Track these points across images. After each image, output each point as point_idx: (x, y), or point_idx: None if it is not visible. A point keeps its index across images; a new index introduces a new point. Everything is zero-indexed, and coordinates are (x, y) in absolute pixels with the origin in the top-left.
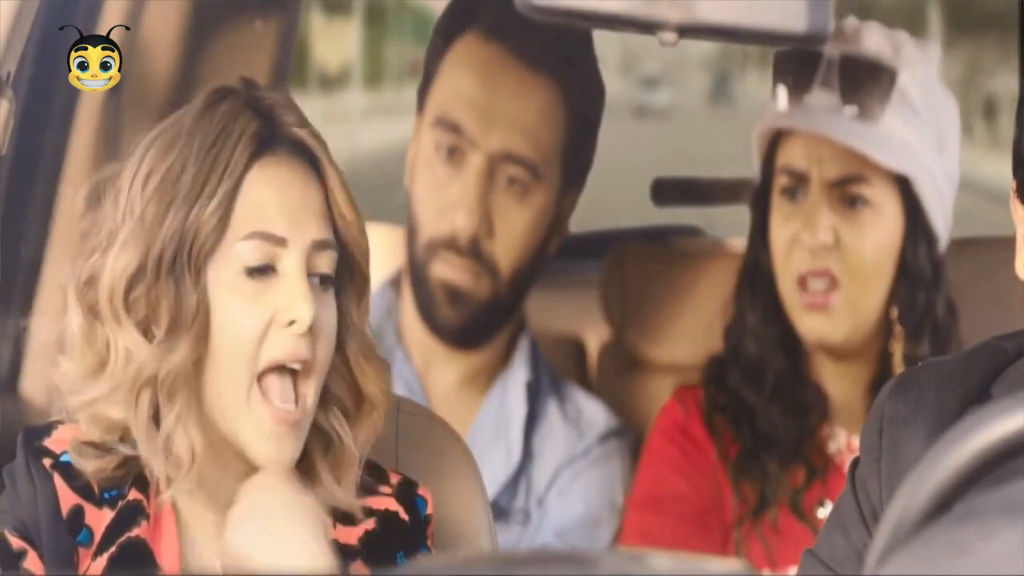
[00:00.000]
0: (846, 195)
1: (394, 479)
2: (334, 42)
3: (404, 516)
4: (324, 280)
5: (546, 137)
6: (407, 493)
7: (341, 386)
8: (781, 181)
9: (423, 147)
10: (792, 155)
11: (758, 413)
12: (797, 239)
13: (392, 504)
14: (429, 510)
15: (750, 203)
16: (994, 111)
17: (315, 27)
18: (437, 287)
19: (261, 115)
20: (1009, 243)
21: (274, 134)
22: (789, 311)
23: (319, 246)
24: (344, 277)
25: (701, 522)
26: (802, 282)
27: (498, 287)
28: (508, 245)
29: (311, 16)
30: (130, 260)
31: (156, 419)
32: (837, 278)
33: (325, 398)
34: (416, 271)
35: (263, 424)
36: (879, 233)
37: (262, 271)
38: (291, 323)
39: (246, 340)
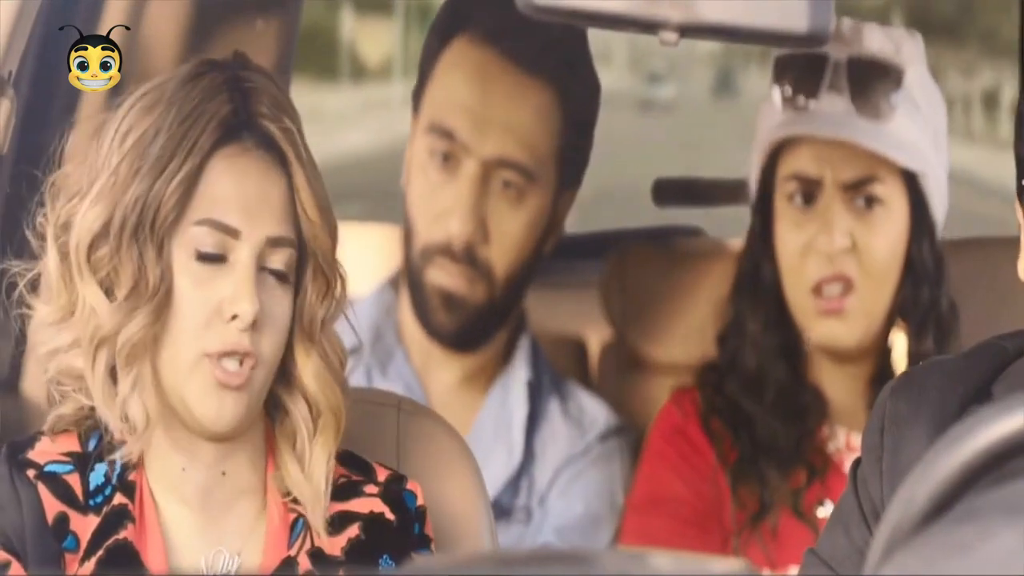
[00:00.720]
0: (860, 196)
1: (381, 476)
2: (376, 37)
3: (390, 516)
4: (279, 275)
5: (541, 141)
6: (394, 490)
7: (299, 383)
8: (788, 188)
9: (417, 151)
10: (801, 161)
11: (757, 422)
12: (811, 245)
13: (377, 505)
14: (420, 502)
15: (753, 211)
16: (950, 110)
17: (358, 25)
18: (432, 293)
19: (237, 99)
20: (1009, 243)
21: (244, 122)
22: (800, 319)
23: (274, 243)
24: (306, 276)
25: (700, 524)
26: (817, 288)
27: (493, 291)
28: (503, 250)
29: (353, 15)
30: (97, 217)
31: (113, 377)
32: (853, 282)
33: (291, 388)
34: (412, 275)
35: (208, 385)
36: (891, 232)
37: (212, 258)
38: (233, 317)
39: (192, 323)
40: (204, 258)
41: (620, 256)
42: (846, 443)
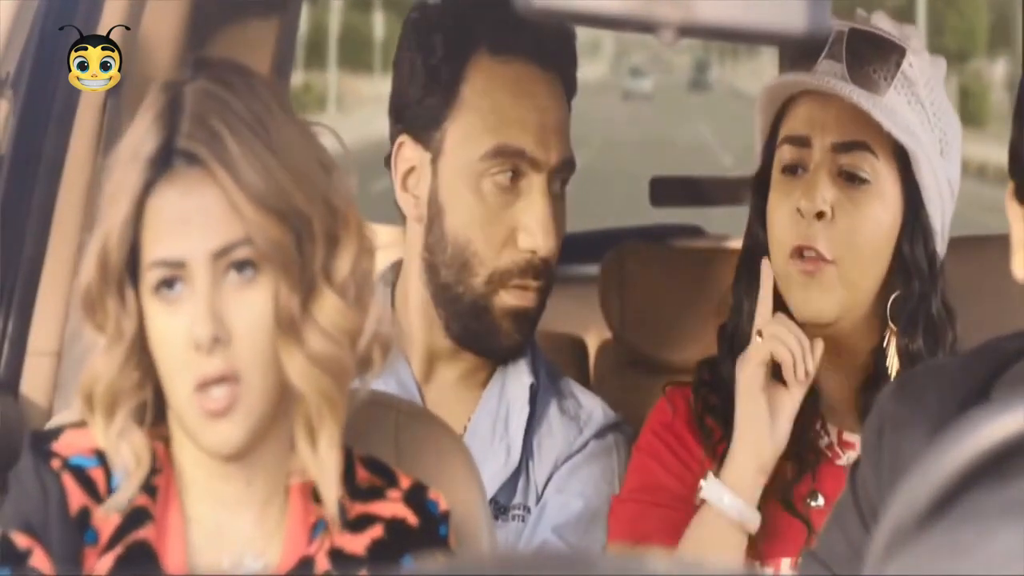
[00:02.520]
0: (848, 167)
1: (405, 483)
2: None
3: (413, 521)
4: (243, 277)
5: (568, 136)
6: (416, 497)
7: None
8: (781, 155)
9: (461, 179)
10: (795, 122)
11: None
12: (794, 209)
13: (400, 510)
14: (443, 507)
15: (751, 186)
16: None
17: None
18: (503, 316)
19: (168, 126)
20: (1007, 242)
21: (170, 150)
22: (783, 289)
23: (223, 252)
24: (267, 273)
25: (688, 512)
26: (797, 253)
27: (545, 298)
28: (558, 252)
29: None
30: (85, 269)
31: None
32: (828, 256)
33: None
34: (470, 305)
35: (200, 418)
36: (878, 214)
37: (171, 294)
38: (197, 346)
39: (172, 363)
40: (163, 297)
41: (618, 255)
42: (838, 439)
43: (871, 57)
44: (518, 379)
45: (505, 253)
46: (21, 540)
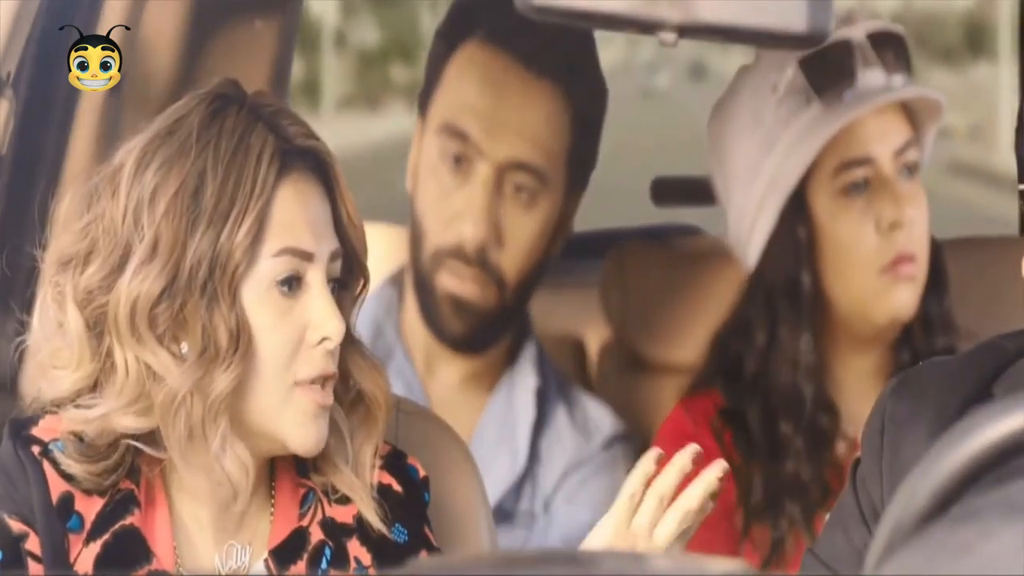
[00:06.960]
0: (906, 164)
1: (382, 450)
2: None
3: (398, 488)
4: (336, 289)
5: (552, 142)
6: (397, 464)
7: (341, 386)
8: (840, 182)
9: (428, 154)
10: (853, 145)
11: (788, 455)
12: (879, 224)
13: (384, 477)
14: (422, 473)
15: (782, 221)
16: None
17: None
18: (443, 298)
19: (271, 127)
20: (1007, 242)
21: (291, 148)
22: (864, 302)
23: (334, 256)
24: (348, 282)
25: (724, 528)
26: (894, 262)
27: (504, 296)
28: (515, 253)
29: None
30: (153, 283)
31: (189, 433)
32: (917, 256)
33: (347, 389)
34: (421, 280)
35: (306, 414)
36: (924, 196)
37: (291, 288)
38: (322, 340)
39: (281, 357)
40: (285, 289)
41: (619, 255)
42: (856, 443)
43: (890, 49)
44: (524, 383)
45: (447, 232)
46: (15, 525)
